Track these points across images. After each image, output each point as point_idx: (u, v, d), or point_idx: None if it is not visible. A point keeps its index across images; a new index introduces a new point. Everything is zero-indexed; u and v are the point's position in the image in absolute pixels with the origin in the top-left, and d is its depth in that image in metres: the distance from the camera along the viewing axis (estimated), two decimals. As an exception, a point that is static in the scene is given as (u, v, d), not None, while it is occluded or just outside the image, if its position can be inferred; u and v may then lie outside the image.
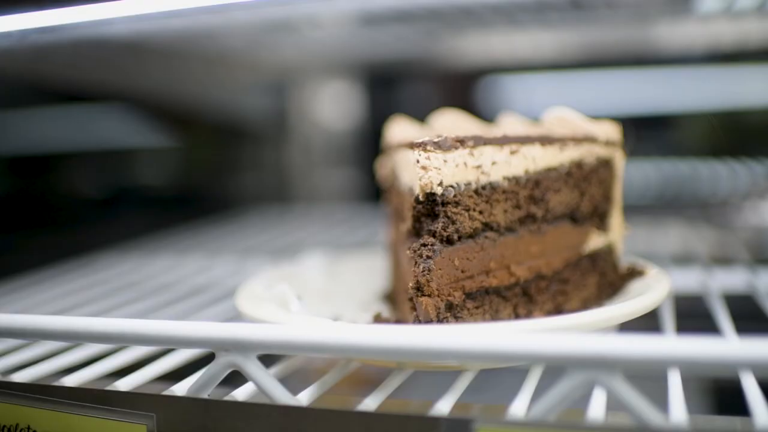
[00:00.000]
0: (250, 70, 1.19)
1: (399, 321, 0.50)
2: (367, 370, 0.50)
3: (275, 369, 0.48)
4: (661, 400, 0.40)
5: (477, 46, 1.11)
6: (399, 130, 0.56)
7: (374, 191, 0.76)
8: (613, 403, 0.38)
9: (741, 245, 0.76)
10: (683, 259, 0.72)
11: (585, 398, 0.40)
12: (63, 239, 1.04)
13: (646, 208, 1.06)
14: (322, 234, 1.00)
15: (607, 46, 1.05)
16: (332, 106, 1.24)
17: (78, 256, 0.88)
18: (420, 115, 0.70)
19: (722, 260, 0.71)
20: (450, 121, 0.55)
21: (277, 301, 0.49)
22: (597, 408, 0.40)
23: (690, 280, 0.65)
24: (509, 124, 0.54)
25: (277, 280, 0.51)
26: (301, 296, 0.50)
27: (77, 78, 0.99)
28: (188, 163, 1.29)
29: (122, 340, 0.44)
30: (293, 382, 0.47)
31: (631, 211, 1.02)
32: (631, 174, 1.18)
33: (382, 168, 0.60)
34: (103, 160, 1.19)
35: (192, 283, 0.74)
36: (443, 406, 0.41)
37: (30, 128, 1.10)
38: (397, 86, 1.29)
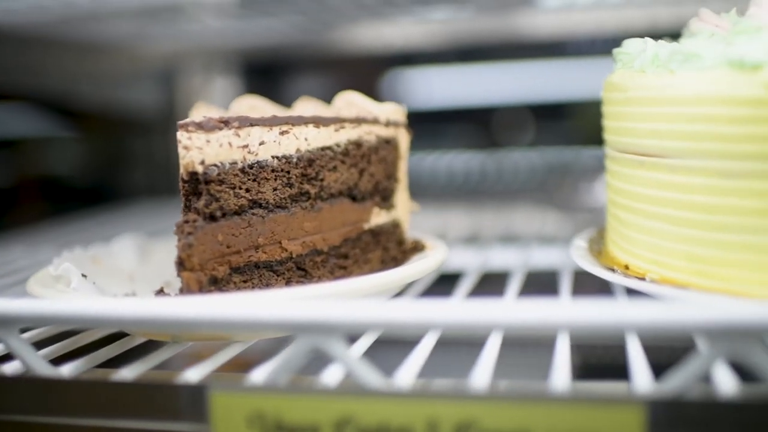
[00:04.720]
0: (135, 61, 1.19)
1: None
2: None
3: (58, 345, 0.49)
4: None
5: (352, 38, 1.14)
6: (196, 114, 0.57)
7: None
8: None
9: (573, 225, 0.79)
10: (510, 239, 0.75)
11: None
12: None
13: (508, 194, 1.10)
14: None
15: (477, 38, 1.08)
16: (219, 97, 1.25)
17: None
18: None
19: (551, 239, 0.74)
20: (246, 106, 0.56)
21: (62, 280, 0.50)
22: (332, 373, 0.41)
23: (508, 257, 0.68)
24: (300, 108, 0.56)
25: (66, 260, 0.52)
26: (87, 275, 0.51)
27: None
28: (78, 154, 1.29)
29: None
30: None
31: (497, 197, 1.06)
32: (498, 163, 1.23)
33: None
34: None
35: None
36: (192, 376, 0.43)
37: None
38: (283, 76, 1.30)
